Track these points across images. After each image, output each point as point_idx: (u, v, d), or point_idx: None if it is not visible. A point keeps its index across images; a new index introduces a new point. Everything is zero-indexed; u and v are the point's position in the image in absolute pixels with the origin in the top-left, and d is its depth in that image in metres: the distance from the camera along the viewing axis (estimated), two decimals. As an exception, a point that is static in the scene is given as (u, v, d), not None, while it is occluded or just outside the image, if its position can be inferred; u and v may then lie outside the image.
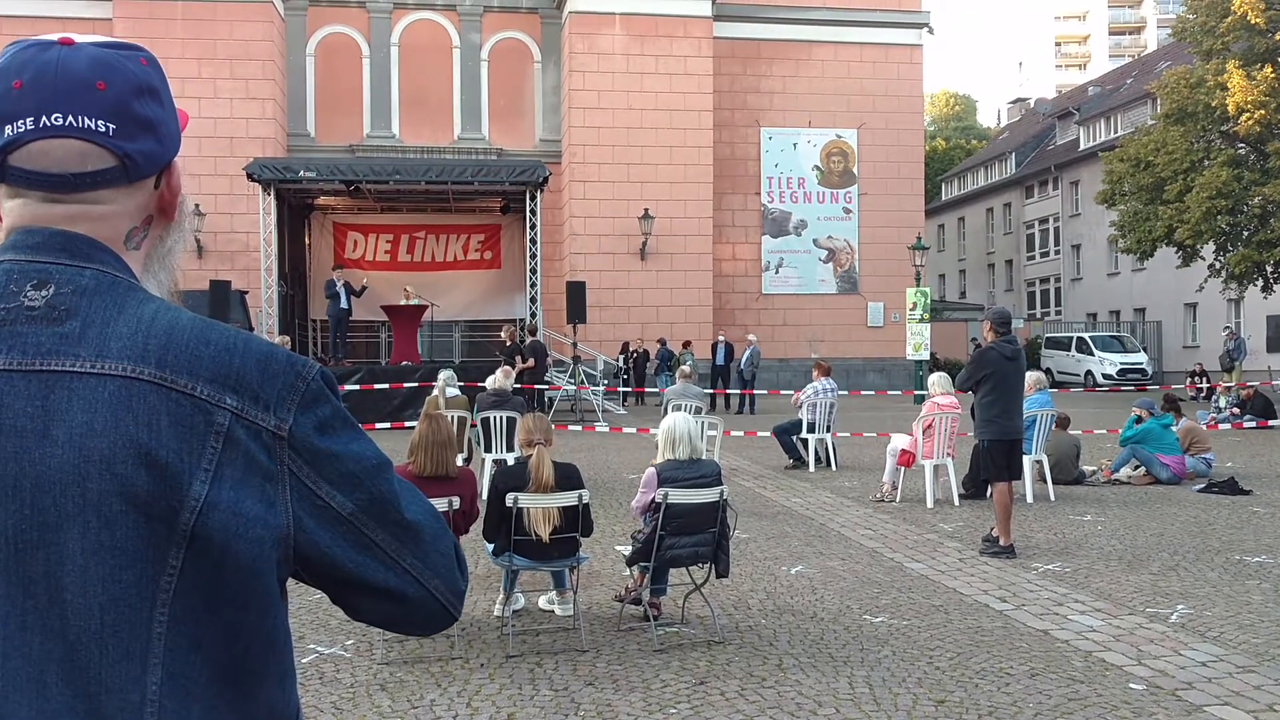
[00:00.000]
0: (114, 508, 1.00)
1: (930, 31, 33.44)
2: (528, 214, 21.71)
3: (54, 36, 1.11)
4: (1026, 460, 10.73)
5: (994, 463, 8.31)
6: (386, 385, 18.53)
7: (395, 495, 1.14)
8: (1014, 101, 66.43)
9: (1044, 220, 50.71)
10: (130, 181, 1.11)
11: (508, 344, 19.03)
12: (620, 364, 27.16)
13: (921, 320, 27.19)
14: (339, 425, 1.12)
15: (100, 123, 1.07)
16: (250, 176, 20.67)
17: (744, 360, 24.60)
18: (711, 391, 23.53)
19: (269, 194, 21.17)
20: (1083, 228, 46.56)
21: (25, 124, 1.06)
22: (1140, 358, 36.22)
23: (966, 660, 5.49)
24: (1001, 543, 8.07)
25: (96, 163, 1.08)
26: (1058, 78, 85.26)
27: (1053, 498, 10.78)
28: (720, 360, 25.31)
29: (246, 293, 22.60)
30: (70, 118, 1.06)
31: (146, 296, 1.10)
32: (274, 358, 1.09)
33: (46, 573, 0.99)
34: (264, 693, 1.10)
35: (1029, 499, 10.64)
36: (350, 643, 5.80)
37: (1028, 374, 11.24)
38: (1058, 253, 49.44)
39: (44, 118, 1.06)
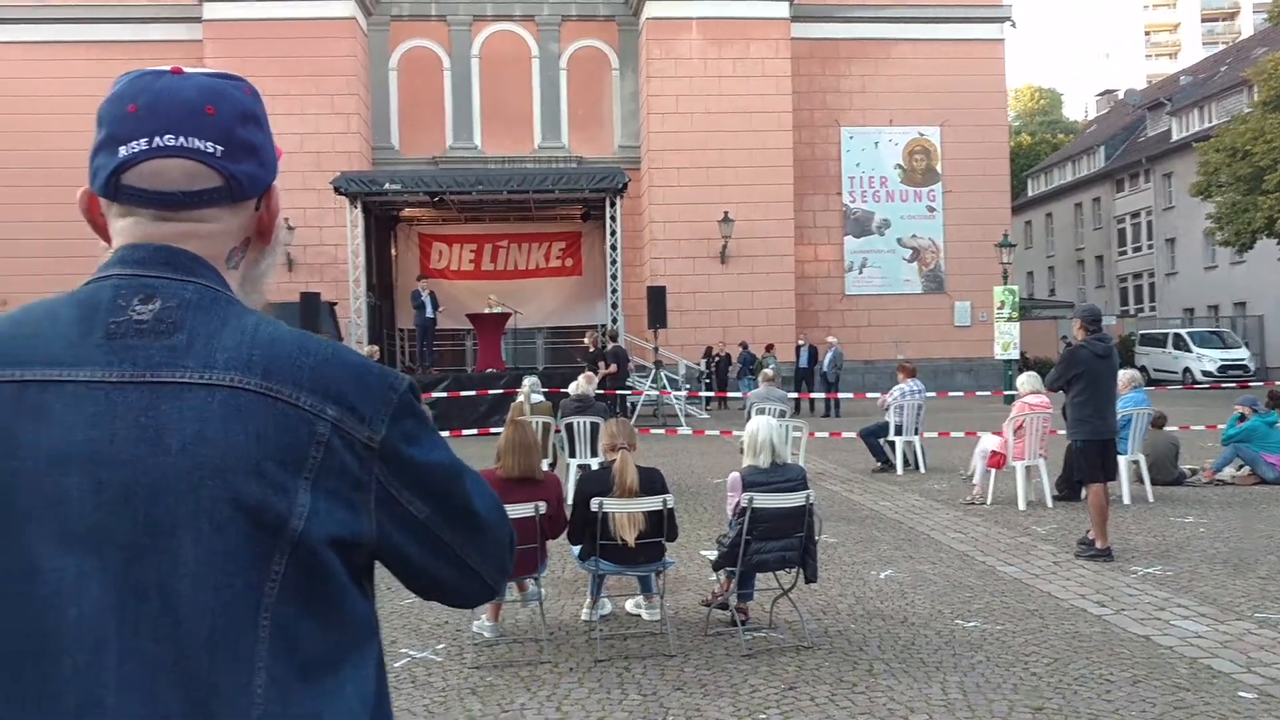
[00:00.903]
0: (224, 514, 1.02)
1: (1012, 25, 32.77)
2: (607, 220, 21.80)
3: (165, 67, 1.17)
4: (1122, 460, 10.44)
5: (1088, 463, 8.09)
6: (472, 392, 18.75)
7: (467, 497, 1.20)
8: (1102, 93, 64.78)
9: (1135, 214, 49.32)
10: (234, 201, 1.16)
11: (590, 350, 19.14)
12: (702, 368, 27.10)
13: (1010, 319, 26.63)
14: (423, 436, 1.16)
15: (209, 144, 1.13)
16: (338, 190, 21.10)
17: (827, 362, 24.36)
18: (795, 395, 23.36)
19: (356, 207, 21.59)
20: (1177, 221, 45.16)
21: (139, 144, 1.12)
22: (1242, 353, 34.95)
23: (1064, 666, 5.34)
24: (1098, 545, 7.85)
25: (204, 182, 1.13)
26: (1148, 67, 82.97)
27: (1151, 499, 10.46)
28: (804, 363, 25.08)
29: (336, 304, 23.05)
30: (181, 139, 1.12)
31: (246, 310, 1.13)
32: (368, 371, 1.13)
33: (159, 578, 1.02)
34: (359, 687, 1.12)
35: (1126, 500, 10.34)
36: (441, 647, 5.87)
37: (1121, 372, 10.91)
38: (1150, 247, 48.04)
39: (157, 139, 1.11)
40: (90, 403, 1.04)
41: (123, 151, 1.12)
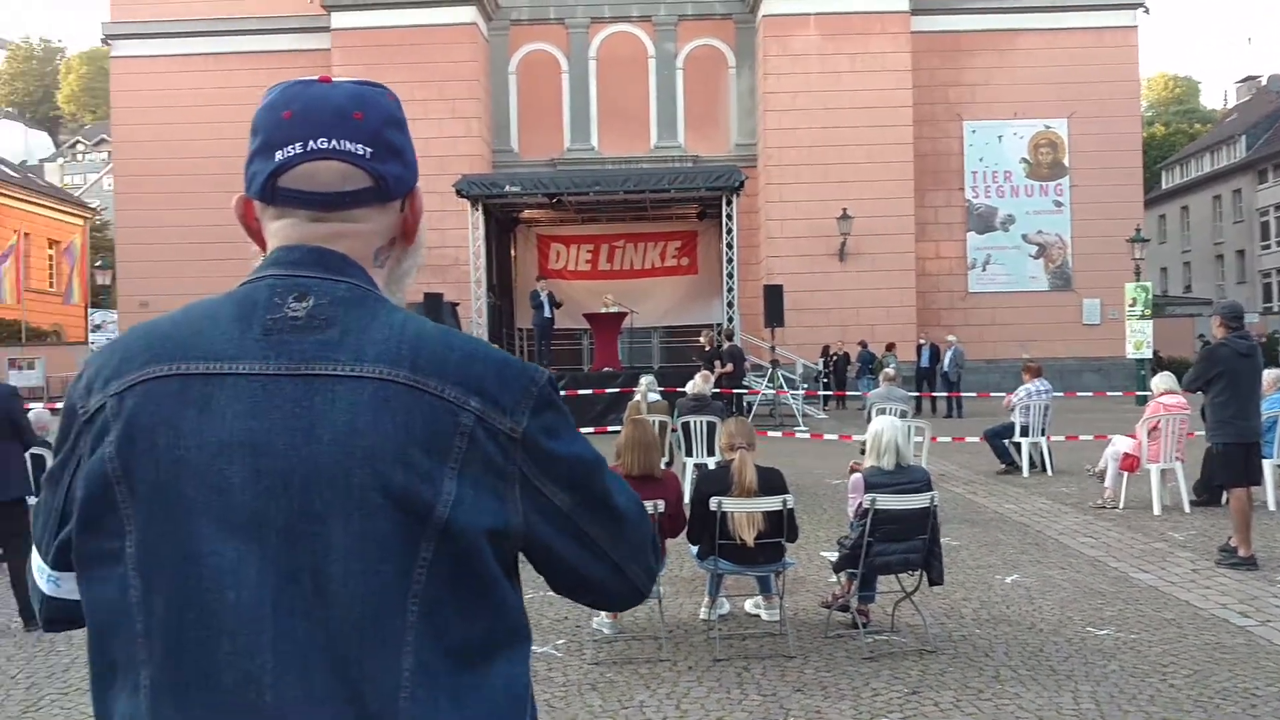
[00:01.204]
0: (374, 501, 1.06)
1: (1145, 11, 31.52)
2: (724, 219, 21.73)
3: (313, 77, 1.24)
4: (1267, 465, 9.94)
5: (1230, 467, 7.76)
6: (589, 391, 18.91)
7: (608, 491, 1.23)
8: (1243, 80, 61.88)
9: (1279, 206, 46.96)
10: (382, 202, 1.21)
11: (707, 349, 19.11)
12: (820, 367, 26.80)
13: (1142, 317, 25.63)
14: (562, 429, 1.20)
15: (359, 147, 1.18)
16: (459, 193, 21.53)
17: (947, 362, 23.84)
18: (917, 394, 22.90)
19: (477, 209, 21.99)
20: (1325, 213, 42.84)
21: (295, 149, 1.18)
22: (1396, 352, 32.98)
23: (1205, 679, 5.11)
24: (1241, 553, 7.51)
25: (355, 183, 1.19)
26: (1293, 52, 78.83)
27: (1298, 505, 9.94)
28: (925, 362, 24.59)
29: (458, 304, 23.51)
30: (334, 142, 1.17)
31: (394, 307, 1.18)
32: (510, 365, 1.17)
33: (313, 562, 1.06)
34: (505, 675, 1.15)
35: (1271, 506, 9.85)
36: (561, 642, 5.93)
37: (1266, 373, 10.42)
38: (1296, 241, 45.70)
39: (311, 143, 1.17)
40: (249, 395, 1.09)
41: (279, 156, 1.18)
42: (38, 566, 1.22)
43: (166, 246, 30.57)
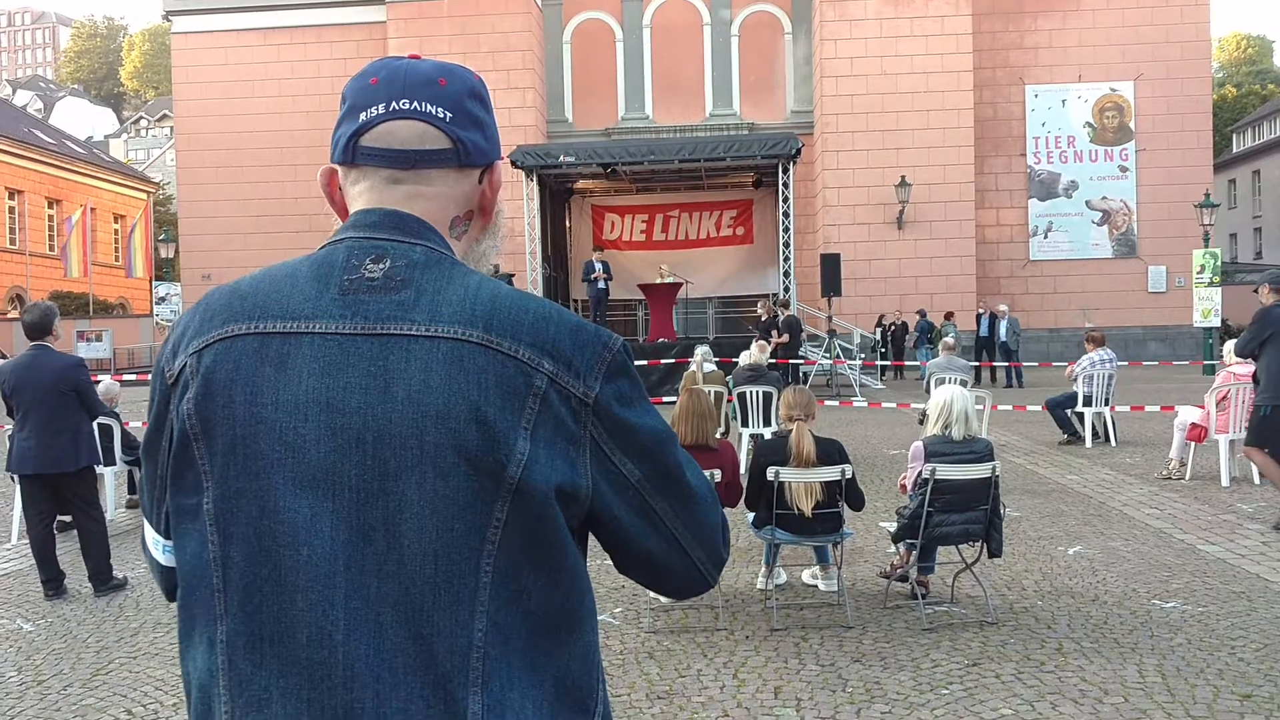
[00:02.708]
0: (448, 460, 1.07)
1: (1218, -32, 30.56)
2: (780, 187, 21.54)
3: (405, 55, 1.28)
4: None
5: (1273, 427, 7.67)
6: (644, 362, 18.92)
7: (680, 467, 1.21)
8: (1318, 39, 59.81)
9: (1356, 169, 45.51)
10: (460, 166, 1.23)
11: (764, 319, 19.01)
12: (877, 337, 26.54)
13: (1211, 284, 25.01)
14: (636, 398, 1.19)
15: (440, 110, 1.22)
16: (514, 164, 21.56)
17: (1004, 331, 23.49)
18: (976, 364, 22.60)
19: (532, 180, 22.02)
20: (1404, 175, 41.43)
21: (378, 109, 1.21)
22: None
23: (1275, 652, 5.00)
24: None
25: (434, 143, 1.22)
26: (1372, 9, 76.06)
27: (1373, 477, 9.66)
28: (984, 331, 24.26)
29: (513, 275, 23.63)
30: (415, 104, 1.21)
31: (470, 270, 1.19)
32: (584, 329, 1.17)
33: (386, 520, 1.07)
34: (577, 641, 1.15)
35: (1344, 478, 9.59)
36: (619, 610, 5.95)
37: None
38: (1373, 205, 44.25)
39: (394, 103, 1.21)
40: (325, 353, 1.10)
41: (363, 117, 1.22)
42: (152, 539, 1.25)
43: (228, 220, 31.05)
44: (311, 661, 1.06)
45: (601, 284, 21.22)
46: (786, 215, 21.52)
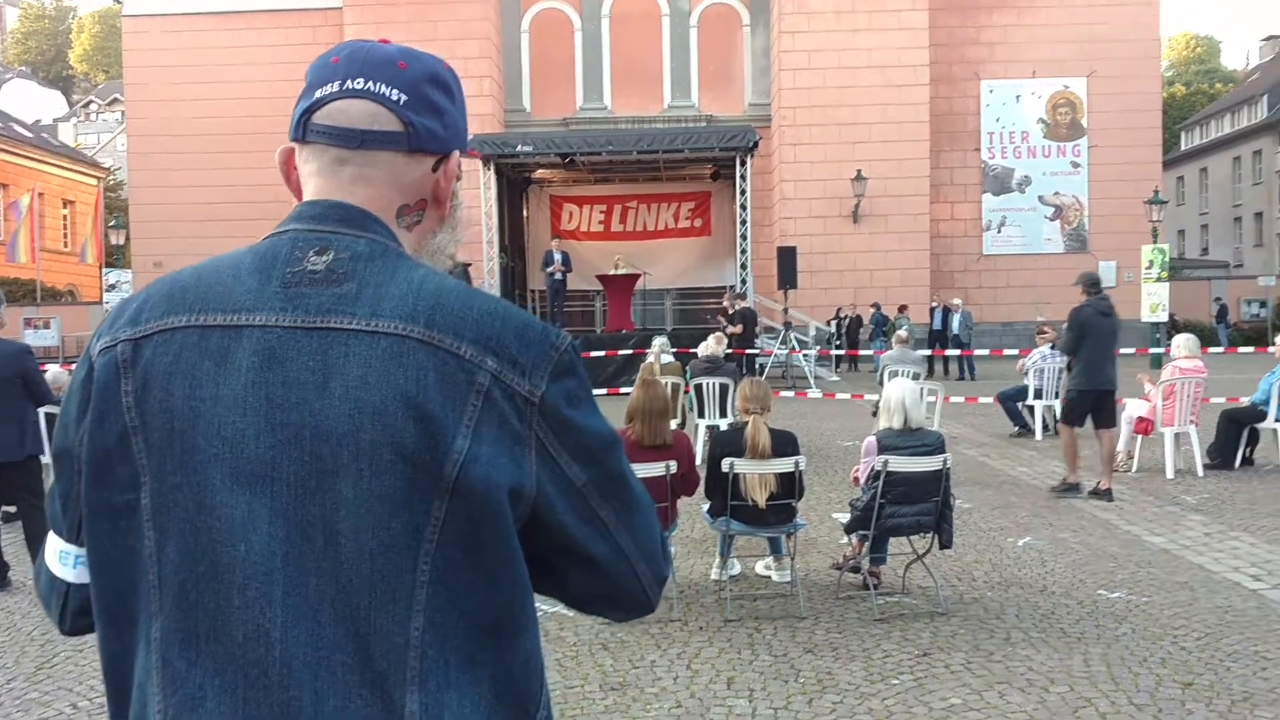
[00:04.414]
0: (384, 457, 1.05)
1: (1168, -32, 31.03)
2: (737, 179, 21.60)
3: (376, 39, 1.26)
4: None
5: (1076, 410, 8.99)
6: (602, 352, 18.91)
7: (623, 474, 1.19)
8: (1266, 39, 60.99)
9: (1300, 168, 46.42)
10: (410, 150, 1.20)
11: (730, 310, 19.13)
12: (832, 329, 26.72)
13: (1159, 279, 25.42)
14: (583, 399, 1.16)
15: (394, 91, 1.19)
16: (469, 155, 21.42)
17: (956, 325, 23.74)
18: (929, 353, 22.80)
19: (489, 169, 21.91)
20: (1346, 174, 42.32)
21: (332, 87, 1.19)
22: None
23: (1216, 641, 5.11)
24: (1070, 480, 8.92)
25: (383, 125, 1.19)
26: (1317, 10, 77.58)
27: (1313, 469, 9.90)
28: (937, 324, 24.50)
29: (470, 264, 23.49)
30: (369, 83, 1.19)
31: (416, 263, 1.16)
32: (531, 327, 1.14)
33: (323, 517, 1.05)
34: (517, 645, 1.13)
35: (1285, 470, 9.82)
36: (572, 602, 5.95)
37: None
38: (1316, 203, 45.18)
39: (348, 82, 1.19)
40: (265, 347, 1.08)
41: (317, 94, 1.20)
42: (58, 552, 1.20)
43: (180, 206, 30.59)
44: (248, 659, 1.04)
45: (559, 275, 21.18)
46: (744, 208, 21.59)
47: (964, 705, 4.38)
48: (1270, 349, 11.84)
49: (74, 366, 1.32)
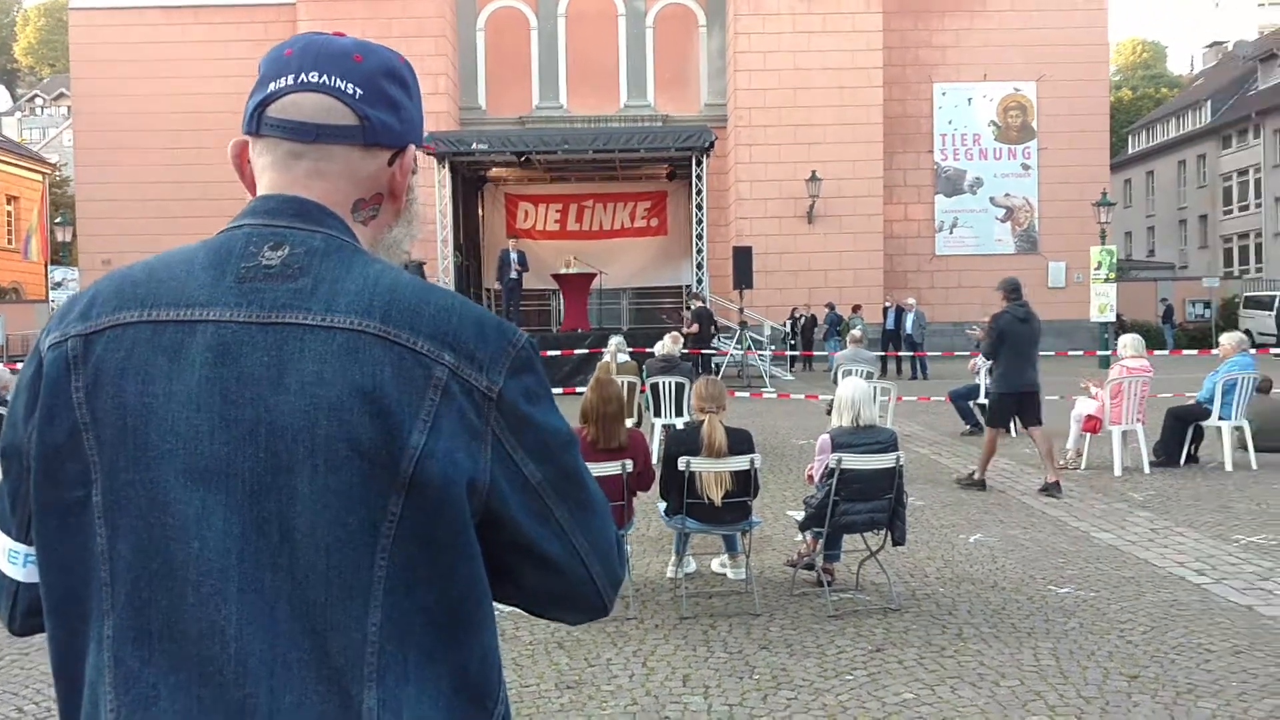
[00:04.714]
0: (340, 453, 1.04)
1: (1116, -26, 31.55)
2: (693, 179, 21.66)
3: (330, 33, 1.25)
4: (1225, 426, 10.19)
5: (1000, 412, 9.43)
6: (558, 352, 18.87)
7: (579, 474, 1.19)
8: (1210, 45, 62.24)
9: (1243, 172, 47.38)
10: (365, 144, 1.19)
11: (693, 308, 19.31)
12: (787, 329, 26.88)
13: (1106, 280, 25.87)
14: (541, 396, 1.16)
15: (350, 85, 1.18)
16: (426, 150, 21.31)
17: (909, 324, 23.99)
18: (883, 355, 23.02)
19: (444, 167, 21.78)
20: (1287, 178, 43.28)
21: (286, 80, 1.18)
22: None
23: (1162, 635, 5.22)
24: (976, 476, 9.33)
25: (338, 119, 1.18)
26: (1260, 17, 79.09)
27: (1255, 465, 10.12)
28: (890, 324, 24.75)
29: (424, 263, 23.34)
30: (324, 77, 1.18)
31: (371, 259, 1.16)
32: (487, 322, 1.14)
33: (279, 513, 1.04)
34: (475, 640, 1.13)
35: (1229, 467, 10.03)
36: (528, 601, 5.94)
37: (1228, 335, 10.82)
38: (1259, 206, 46.11)
39: (302, 75, 1.18)
40: (219, 342, 1.07)
41: (271, 87, 1.18)
42: (7, 551, 1.18)
43: (129, 203, 30.09)
44: (202, 656, 1.03)
45: (515, 273, 21.11)
46: (700, 208, 21.66)
47: (916, 700, 4.43)
48: (1214, 351, 12.08)
49: (20, 365, 1.29)
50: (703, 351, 18.43)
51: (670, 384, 10.85)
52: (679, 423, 10.23)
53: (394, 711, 1.06)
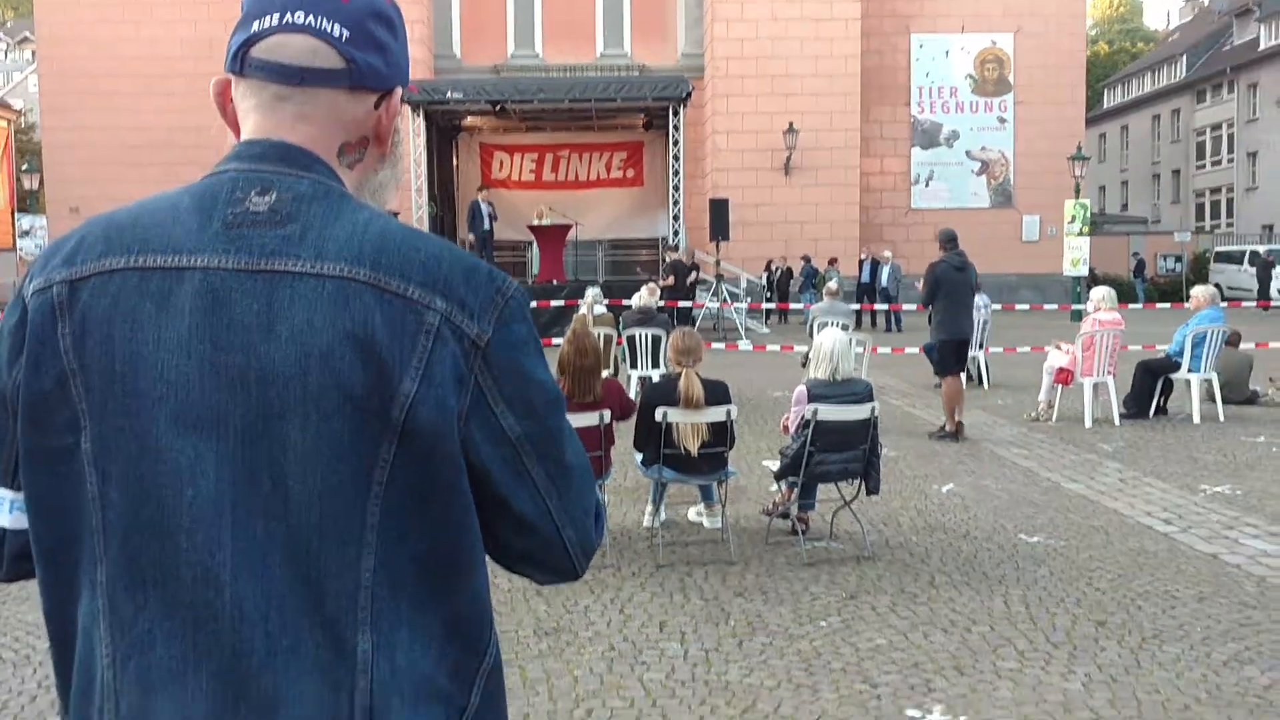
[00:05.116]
0: (332, 402, 1.04)
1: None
2: (670, 130, 21.50)
3: None
4: (1194, 379, 10.34)
5: (945, 359, 9.59)
6: (534, 303, 18.81)
7: (561, 434, 1.17)
8: (1186, 0, 62.08)
9: (1216, 127, 47.56)
10: (351, 87, 1.17)
11: (686, 262, 19.47)
12: (763, 281, 26.89)
13: (1080, 234, 25.98)
14: (529, 350, 1.15)
15: (336, 27, 1.15)
16: (410, 91, 21.03)
17: (885, 277, 24.05)
18: (858, 308, 23.09)
19: (418, 116, 21.52)
20: (1260, 134, 43.50)
21: (271, 20, 1.15)
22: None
23: (1129, 582, 5.32)
24: (947, 428, 9.42)
25: (325, 61, 1.15)
26: (1236, -29, 79.06)
27: (1222, 418, 10.27)
28: (866, 277, 24.80)
29: (398, 214, 23.11)
30: (310, 17, 1.15)
31: (360, 205, 1.15)
32: (478, 270, 1.13)
33: (270, 461, 1.04)
34: (468, 585, 1.14)
35: (1196, 419, 10.18)
36: (506, 550, 5.98)
37: (1199, 288, 10.94)
38: (1231, 161, 46.38)
39: (288, 15, 1.15)
40: (208, 289, 1.06)
41: (255, 26, 1.15)
42: None
43: (97, 150, 29.57)
44: (197, 603, 1.04)
45: (486, 225, 20.94)
46: (677, 159, 21.53)
47: (889, 646, 4.51)
48: (1185, 304, 12.20)
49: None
50: (680, 304, 18.43)
51: (646, 336, 10.87)
52: (655, 375, 10.26)
53: (387, 655, 1.07)
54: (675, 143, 21.38)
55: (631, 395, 9.77)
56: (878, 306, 23.54)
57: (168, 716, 1.05)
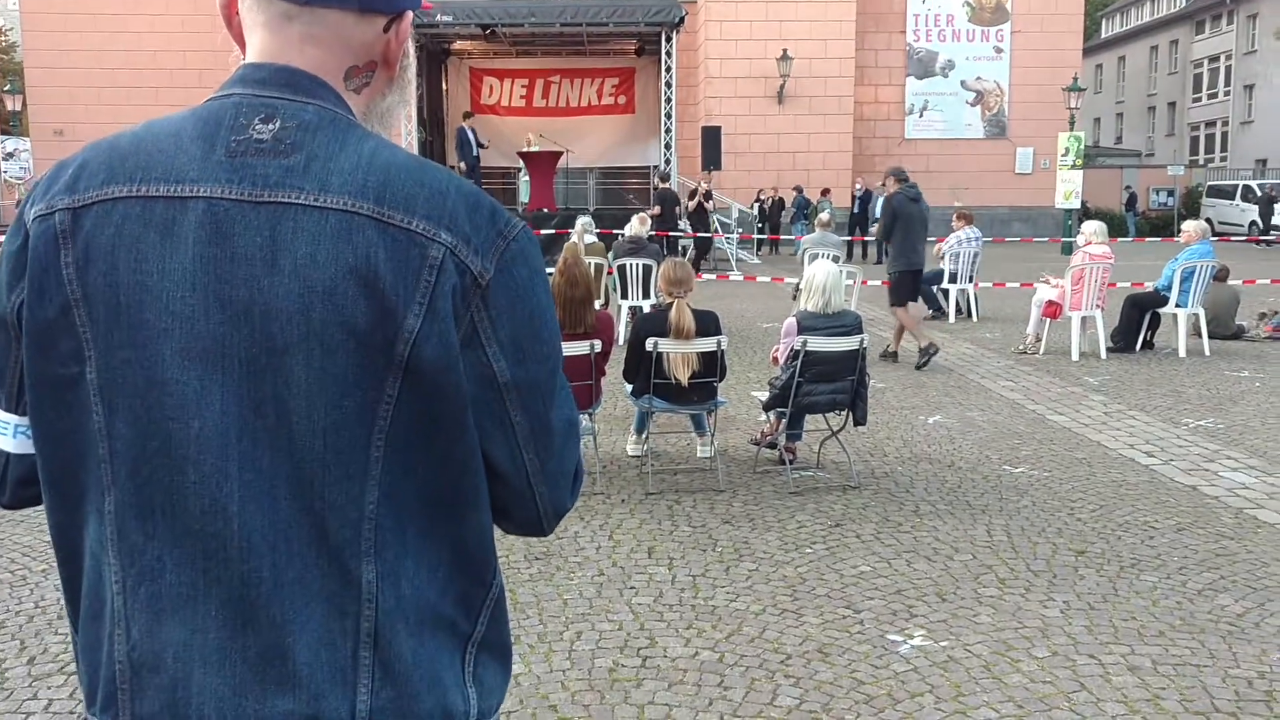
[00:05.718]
0: (335, 337, 1.04)
1: None
2: (663, 56, 21.25)
3: None
4: (1181, 314, 10.39)
5: (901, 289, 9.94)
6: (524, 232, 18.71)
7: (551, 391, 1.16)
8: (1189, -74, 61.07)
9: (1214, 59, 47.12)
10: (360, 10, 1.14)
11: (699, 190, 19.54)
12: (754, 212, 26.76)
13: (1073, 167, 25.89)
14: (530, 295, 1.13)
15: None
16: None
17: (879, 208, 23.98)
18: (849, 239, 23.06)
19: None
20: (1258, 66, 43.12)
21: None
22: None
23: (1109, 513, 5.42)
24: (921, 345, 9.67)
25: None
26: (1240, -102, 77.68)
27: (1207, 352, 10.35)
28: (858, 208, 24.70)
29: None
30: None
31: (365, 134, 1.12)
32: (481, 205, 1.11)
33: (275, 395, 1.04)
34: (473, 516, 1.15)
35: (1181, 353, 10.26)
36: (497, 477, 6.04)
37: (1190, 223, 10.96)
38: (1227, 93, 46.03)
39: None
40: (212, 219, 1.05)
41: None
42: None
43: (81, 71, 29.05)
44: (205, 533, 1.05)
45: (474, 151, 20.74)
46: (669, 85, 21.29)
47: (873, 572, 4.61)
48: (1176, 238, 12.22)
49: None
50: (669, 234, 18.36)
51: (638, 265, 10.85)
52: (646, 305, 10.28)
53: (392, 584, 1.08)
54: (668, 69, 21.14)
55: (622, 326, 9.84)
56: (868, 238, 23.49)
57: (179, 640, 1.07)
